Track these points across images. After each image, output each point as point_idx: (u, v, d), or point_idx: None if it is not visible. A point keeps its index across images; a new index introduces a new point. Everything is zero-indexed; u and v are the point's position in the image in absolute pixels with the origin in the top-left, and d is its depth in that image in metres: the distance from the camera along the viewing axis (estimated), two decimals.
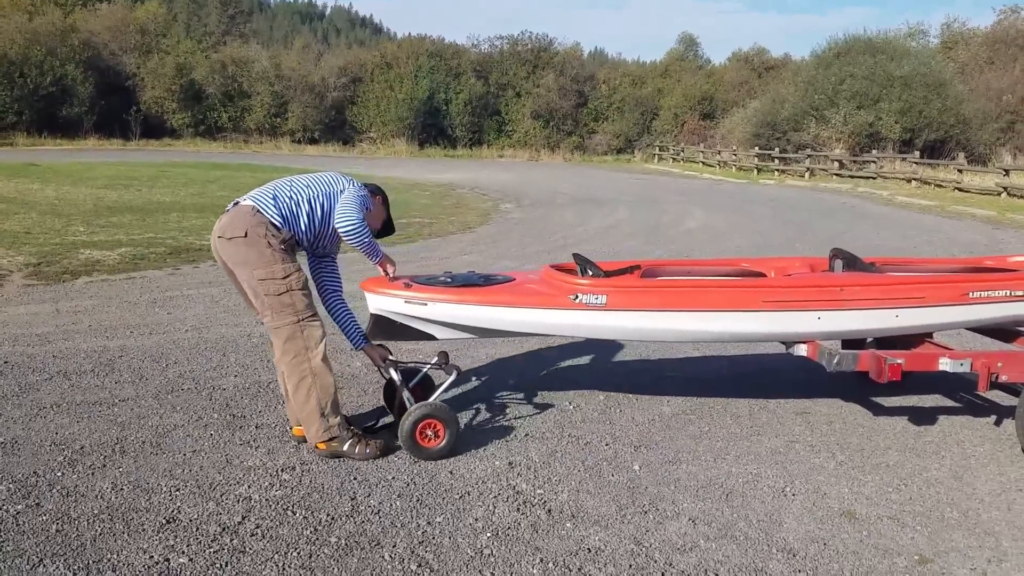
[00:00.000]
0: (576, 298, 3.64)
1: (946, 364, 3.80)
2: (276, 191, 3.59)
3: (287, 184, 3.65)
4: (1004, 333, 4.42)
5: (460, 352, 4.97)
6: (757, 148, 30.36)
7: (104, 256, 8.51)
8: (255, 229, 3.44)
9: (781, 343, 4.09)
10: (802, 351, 3.91)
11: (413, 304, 3.63)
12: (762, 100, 34.05)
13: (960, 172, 21.81)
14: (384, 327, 3.74)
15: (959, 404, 4.60)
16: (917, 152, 25.31)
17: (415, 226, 12.15)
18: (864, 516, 3.17)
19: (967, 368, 3.80)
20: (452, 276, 3.88)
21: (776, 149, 29.35)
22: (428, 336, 3.76)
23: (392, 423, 3.84)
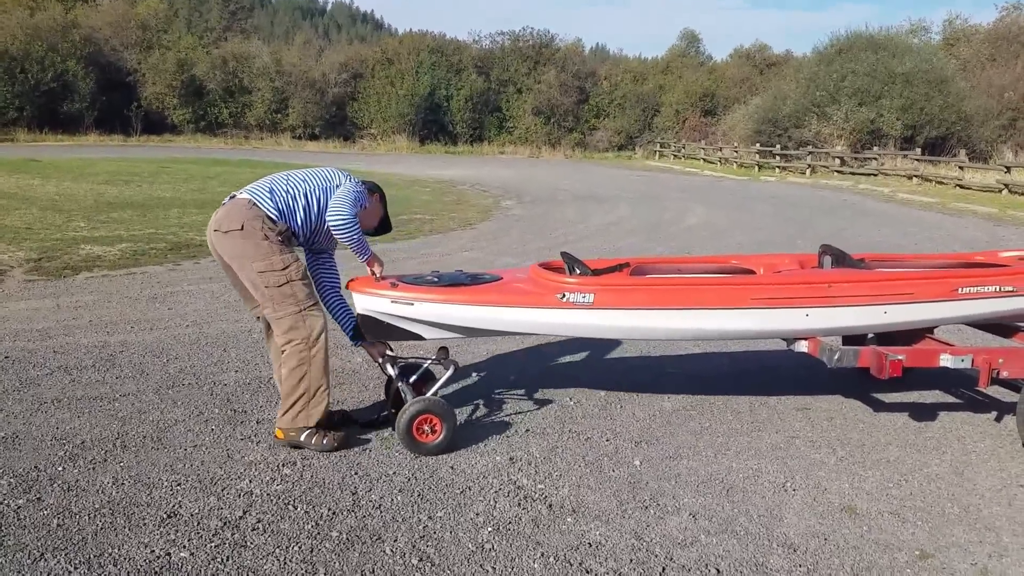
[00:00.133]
0: (563, 297, 3.62)
1: (947, 360, 3.80)
2: (273, 185, 3.59)
3: (284, 178, 3.64)
4: (1002, 328, 4.42)
5: (460, 348, 4.97)
6: (758, 145, 30.31)
7: (105, 252, 8.51)
8: (251, 222, 3.44)
9: (782, 339, 4.08)
10: (803, 347, 3.91)
11: (400, 304, 3.61)
12: (763, 97, 33.98)
13: (961, 169, 21.78)
14: (371, 327, 3.71)
15: (960, 400, 4.60)
16: (918, 149, 25.28)
17: (416, 222, 12.14)
18: (865, 511, 3.18)
19: (968, 364, 3.80)
20: (439, 275, 3.87)
21: (777, 146, 29.31)
22: (415, 336, 3.74)
23: (387, 419, 3.85)
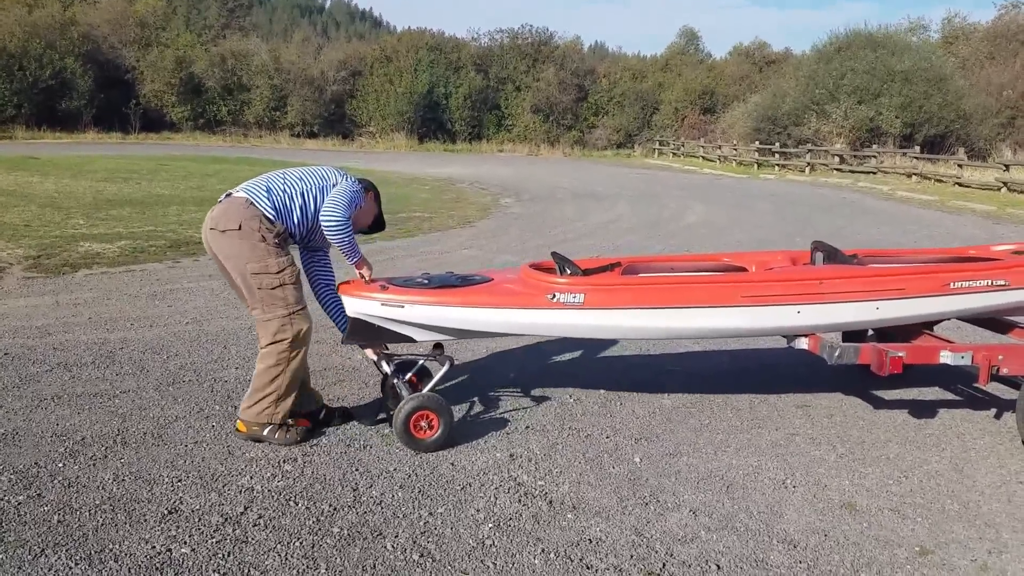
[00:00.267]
0: (554, 297, 3.62)
1: (947, 357, 3.80)
2: (269, 183, 3.57)
3: (280, 177, 3.63)
4: (998, 324, 4.42)
5: (459, 345, 4.97)
6: (757, 143, 30.30)
7: (104, 249, 8.50)
8: (249, 222, 3.43)
9: (783, 336, 4.09)
10: (803, 344, 3.91)
11: (390, 307, 3.60)
12: (763, 94, 33.96)
13: (960, 167, 21.80)
14: (362, 330, 3.70)
15: (959, 397, 4.61)
16: (917, 147, 25.28)
17: (415, 220, 12.14)
18: (865, 508, 3.18)
19: (968, 361, 3.80)
20: (429, 277, 3.87)
21: (776, 144, 29.30)
22: (407, 338, 3.73)
23: (387, 417, 3.86)
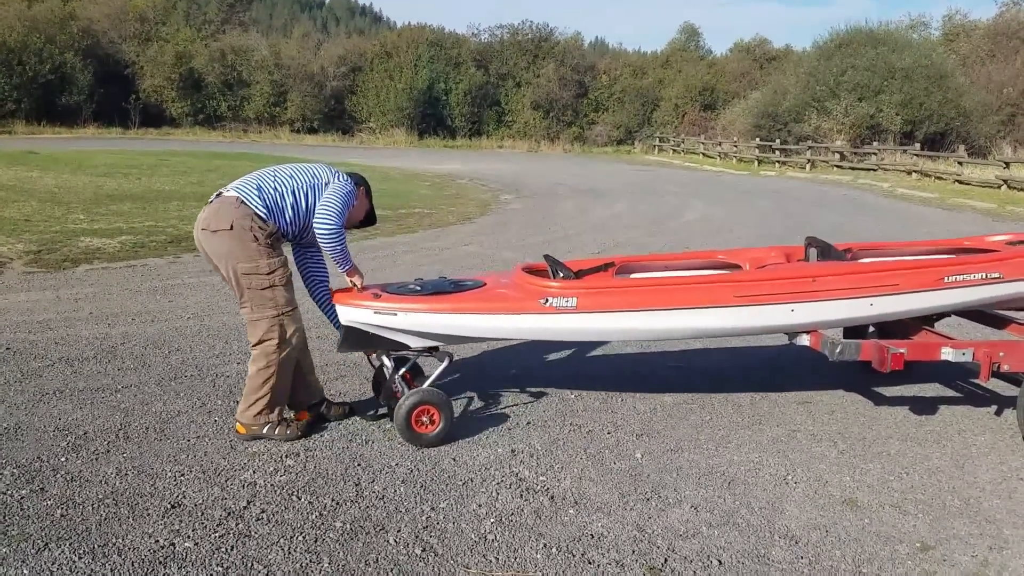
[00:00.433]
0: (546, 302, 3.61)
1: (948, 354, 3.81)
2: (260, 182, 3.55)
3: (271, 175, 3.61)
4: (994, 319, 4.42)
5: None
6: (758, 139, 30.26)
7: (104, 244, 8.50)
8: (241, 221, 3.41)
9: (784, 333, 4.09)
10: (804, 341, 3.91)
11: (383, 315, 3.60)
12: (763, 91, 33.91)
13: (960, 164, 21.79)
14: (357, 338, 3.70)
15: (960, 394, 4.61)
16: (918, 144, 25.28)
17: (415, 216, 12.14)
18: (866, 504, 3.19)
19: (969, 358, 3.81)
20: (422, 284, 3.87)
21: (777, 140, 29.26)
22: (402, 345, 3.73)
23: (386, 412, 3.86)
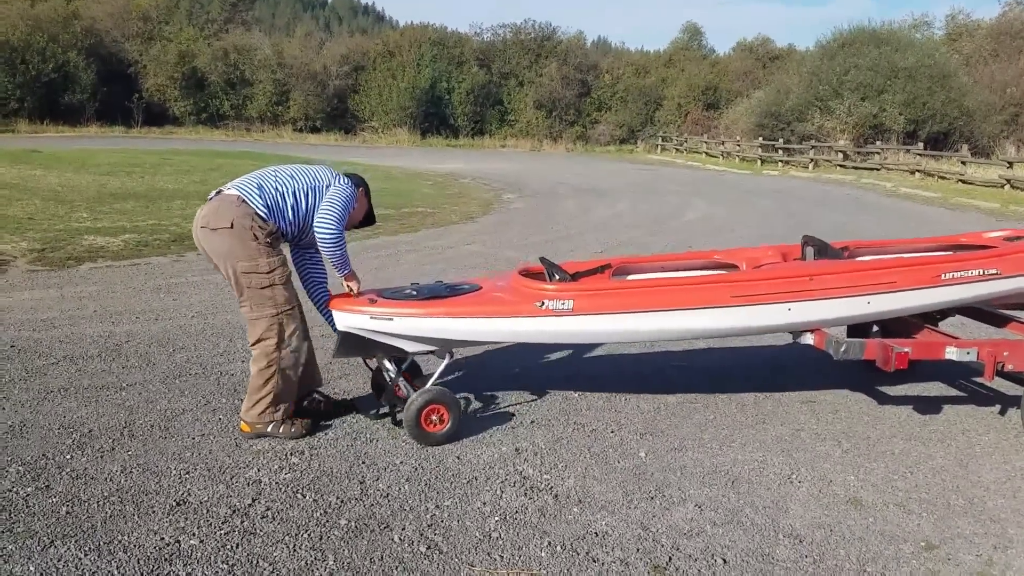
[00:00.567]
0: (542, 305, 3.61)
1: (952, 353, 3.81)
2: (261, 181, 3.56)
3: (272, 174, 3.61)
4: (994, 317, 4.41)
5: None
6: (761, 139, 30.21)
7: (108, 242, 8.51)
8: (241, 220, 3.41)
9: (789, 333, 4.08)
10: (808, 340, 3.90)
11: (379, 320, 3.59)
12: (766, 90, 33.88)
13: (963, 164, 21.76)
14: (353, 344, 3.69)
15: (963, 393, 4.61)
16: (921, 144, 25.23)
17: (418, 216, 12.14)
18: (870, 503, 3.19)
19: (973, 357, 3.81)
20: (418, 288, 3.86)
21: (780, 140, 29.23)
22: (399, 350, 3.72)
23: (388, 412, 3.87)
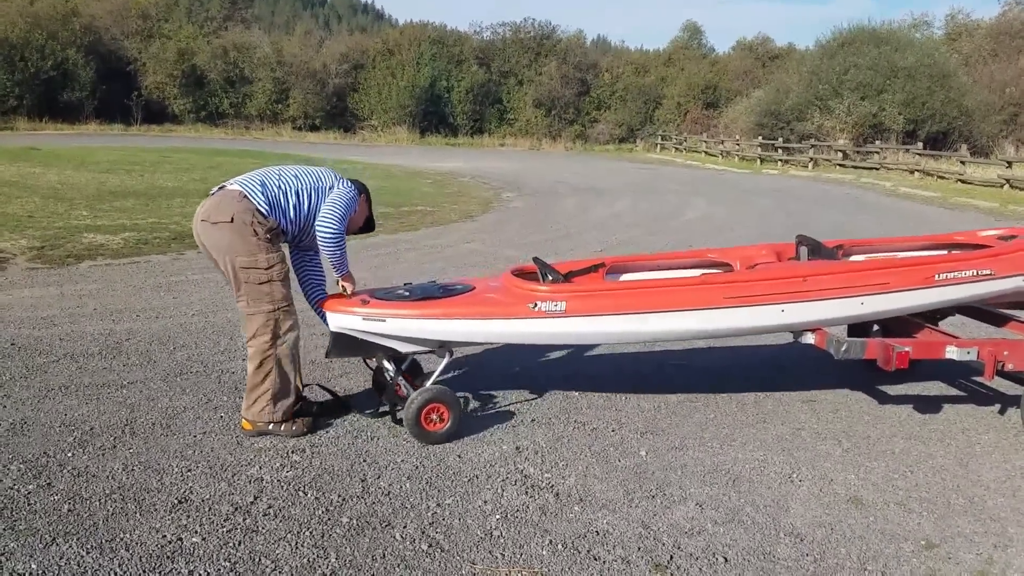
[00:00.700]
0: (535, 306, 3.60)
1: (953, 352, 3.81)
2: (264, 178, 3.57)
3: (276, 173, 3.62)
4: (993, 317, 4.42)
5: None
6: (760, 138, 30.23)
7: (108, 240, 8.51)
8: (242, 215, 3.42)
9: (790, 332, 4.09)
10: (809, 339, 3.91)
11: (372, 321, 3.59)
12: (766, 90, 33.91)
13: (963, 164, 21.78)
14: (347, 344, 3.69)
15: (963, 392, 4.62)
16: (920, 143, 25.26)
17: (418, 214, 12.14)
18: (870, 502, 3.20)
19: (974, 356, 3.82)
20: (411, 289, 3.86)
21: (780, 139, 29.25)
22: (392, 351, 3.72)
23: (388, 410, 3.87)
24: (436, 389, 3.61)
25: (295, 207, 3.56)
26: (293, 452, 3.43)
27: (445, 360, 3.78)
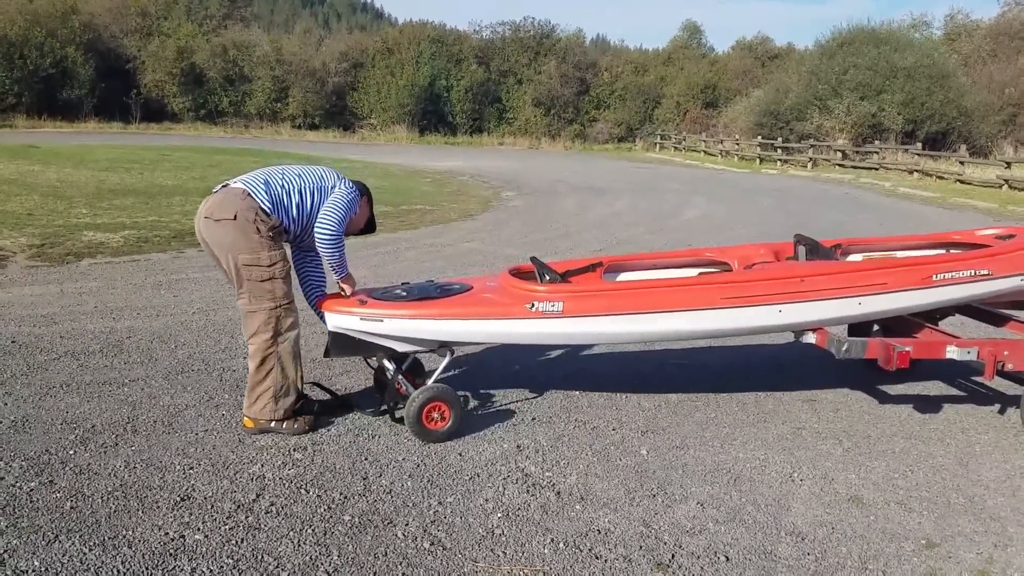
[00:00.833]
0: (532, 306, 3.60)
1: (953, 352, 3.82)
2: (268, 177, 3.57)
3: (279, 172, 3.63)
4: (992, 316, 4.43)
5: None
6: (760, 138, 30.25)
7: (108, 238, 8.50)
8: (245, 213, 3.42)
9: (791, 331, 4.09)
10: (811, 339, 3.92)
11: (369, 321, 3.59)
12: (765, 89, 33.93)
13: (962, 164, 21.81)
14: (344, 344, 3.69)
15: (963, 392, 4.63)
16: (919, 143, 25.29)
17: (417, 213, 12.14)
18: (871, 501, 3.20)
19: (974, 356, 3.82)
20: (408, 288, 3.87)
21: (779, 139, 29.27)
22: (390, 350, 3.72)
23: (388, 409, 3.88)
24: (437, 388, 3.62)
25: (298, 206, 3.57)
26: (295, 450, 3.43)
27: (447, 359, 3.78)
